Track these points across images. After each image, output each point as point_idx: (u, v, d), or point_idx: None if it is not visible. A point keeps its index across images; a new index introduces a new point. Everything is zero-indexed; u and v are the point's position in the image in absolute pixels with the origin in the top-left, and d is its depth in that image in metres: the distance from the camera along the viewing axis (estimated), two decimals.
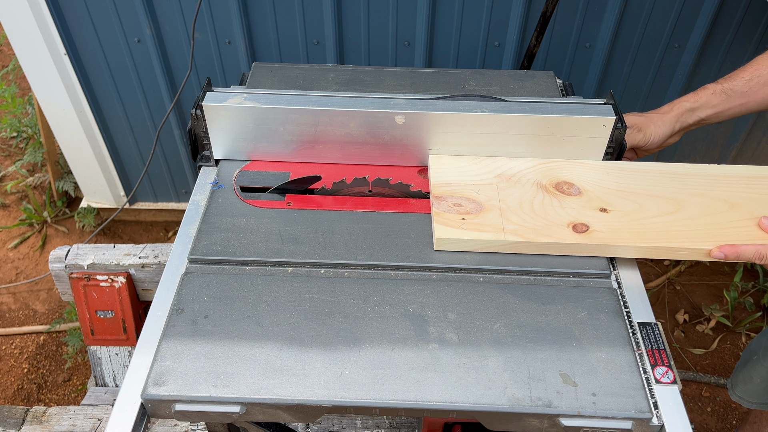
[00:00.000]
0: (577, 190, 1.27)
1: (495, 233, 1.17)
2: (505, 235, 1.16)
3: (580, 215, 1.21)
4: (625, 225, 1.19)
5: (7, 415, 1.57)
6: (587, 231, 1.17)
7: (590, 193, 1.26)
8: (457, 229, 1.18)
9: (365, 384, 0.98)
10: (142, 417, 0.99)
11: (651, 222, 1.19)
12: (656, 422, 0.97)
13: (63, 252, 1.67)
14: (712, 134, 2.38)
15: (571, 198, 1.25)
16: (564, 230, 1.18)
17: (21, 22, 2.06)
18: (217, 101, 1.30)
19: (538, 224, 1.19)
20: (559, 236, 1.17)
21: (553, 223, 1.19)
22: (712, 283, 2.67)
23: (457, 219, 1.20)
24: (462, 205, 1.23)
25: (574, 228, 1.18)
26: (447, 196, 1.25)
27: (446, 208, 1.22)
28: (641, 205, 1.23)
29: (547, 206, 1.23)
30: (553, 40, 2.11)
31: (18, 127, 3.16)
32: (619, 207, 1.23)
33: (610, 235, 1.17)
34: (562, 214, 1.21)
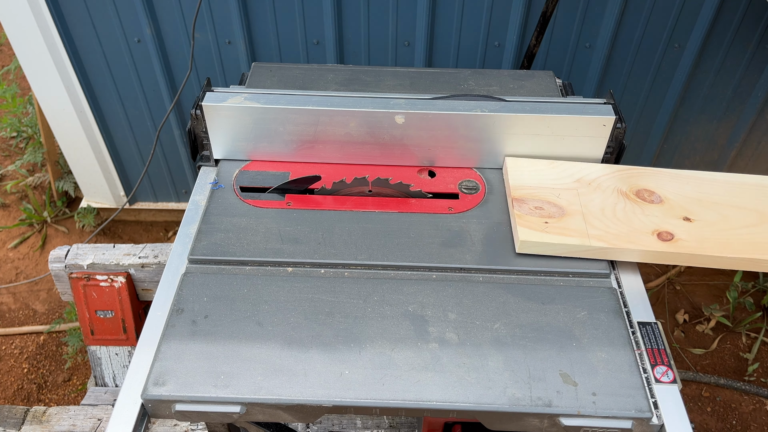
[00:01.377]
0: (658, 198, 1.26)
1: (580, 238, 1.16)
2: (591, 241, 1.16)
3: (664, 223, 1.20)
4: (711, 235, 1.18)
5: (7, 415, 1.57)
6: (672, 239, 1.17)
7: (672, 202, 1.25)
8: (541, 232, 1.17)
9: (365, 384, 0.98)
10: (143, 417, 0.99)
11: (736, 233, 1.18)
12: (656, 422, 0.97)
13: (63, 252, 1.67)
14: (712, 134, 2.38)
15: (652, 206, 1.24)
16: (649, 238, 1.17)
17: (21, 22, 2.06)
18: (217, 101, 1.30)
19: (621, 230, 1.18)
20: (645, 244, 1.16)
21: (636, 230, 1.19)
22: (712, 283, 2.67)
23: (539, 222, 1.19)
24: (543, 209, 1.22)
25: (659, 236, 1.17)
26: (527, 199, 1.24)
27: (527, 211, 1.22)
28: (724, 216, 1.22)
29: (630, 213, 1.22)
30: (553, 40, 2.11)
31: (18, 127, 3.16)
32: (703, 217, 1.22)
33: (695, 244, 1.16)
34: (645, 221, 1.21)
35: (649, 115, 2.32)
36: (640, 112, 2.31)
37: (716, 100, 2.26)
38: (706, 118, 2.33)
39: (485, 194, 1.33)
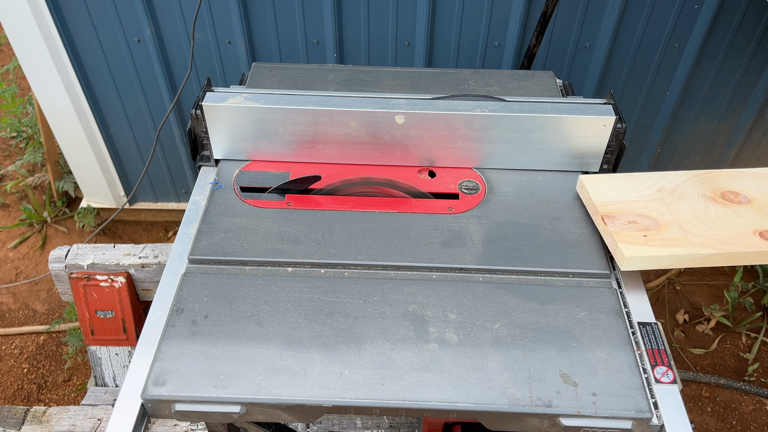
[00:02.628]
0: (745, 198, 1.25)
1: (684, 247, 1.14)
2: (696, 249, 1.14)
3: (761, 223, 1.19)
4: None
5: (7, 415, 1.57)
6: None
7: (759, 201, 1.24)
8: (644, 246, 1.15)
9: (365, 384, 0.98)
10: (143, 417, 0.99)
11: None
12: (656, 422, 0.97)
13: (63, 252, 1.67)
14: (712, 134, 2.38)
15: (742, 206, 1.23)
16: (752, 238, 1.16)
17: (21, 22, 2.06)
18: (217, 101, 1.30)
19: (723, 234, 1.17)
20: (751, 245, 1.14)
21: (737, 232, 1.17)
22: (712, 283, 2.67)
23: (638, 236, 1.17)
24: (637, 222, 1.20)
25: (761, 235, 1.16)
26: (618, 214, 1.22)
27: (622, 227, 1.19)
28: None
29: (723, 216, 1.21)
30: (553, 40, 2.11)
31: (18, 127, 3.16)
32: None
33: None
34: (741, 222, 1.19)
35: (649, 115, 2.32)
36: (640, 112, 2.31)
37: (716, 100, 2.26)
38: (706, 118, 2.33)
39: (485, 194, 1.33)
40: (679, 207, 1.23)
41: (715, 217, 1.21)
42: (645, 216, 1.22)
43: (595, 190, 1.28)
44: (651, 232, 1.18)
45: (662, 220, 1.20)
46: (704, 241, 1.15)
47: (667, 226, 1.19)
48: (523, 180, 1.37)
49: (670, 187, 1.28)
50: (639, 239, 1.16)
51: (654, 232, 1.18)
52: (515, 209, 1.29)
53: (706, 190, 1.28)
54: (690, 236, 1.17)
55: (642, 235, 1.17)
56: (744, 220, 1.20)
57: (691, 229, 1.18)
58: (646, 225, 1.20)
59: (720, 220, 1.20)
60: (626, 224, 1.20)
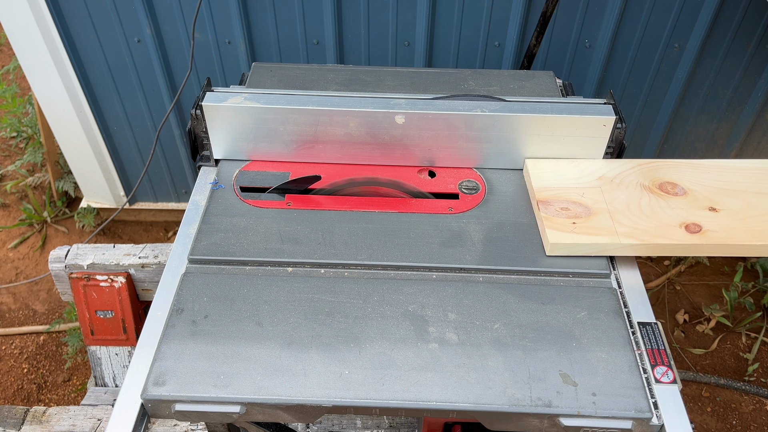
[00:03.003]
0: (682, 190, 1.26)
1: (609, 236, 1.16)
2: (620, 238, 1.15)
3: (690, 215, 1.20)
4: (738, 224, 1.18)
5: (7, 415, 1.57)
6: (701, 231, 1.16)
7: (695, 193, 1.25)
8: (570, 233, 1.17)
9: (365, 384, 0.98)
10: (143, 417, 0.99)
11: (763, 219, 1.18)
12: (656, 422, 0.97)
13: (63, 252, 1.67)
14: (711, 134, 2.38)
15: (677, 198, 1.24)
16: (677, 231, 1.17)
17: (21, 22, 2.06)
18: (217, 101, 1.30)
19: (650, 226, 1.18)
20: (674, 237, 1.16)
21: (664, 224, 1.18)
22: (712, 283, 2.67)
23: (567, 223, 1.19)
24: (570, 209, 1.22)
25: (687, 228, 1.17)
26: (553, 201, 1.24)
27: (554, 213, 1.21)
28: (750, 204, 1.22)
29: (655, 207, 1.22)
30: (553, 40, 2.11)
31: (18, 127, 3.16)
32: (728, 206, 1.21)
33: (724, 234, 1.16)
34: (672, 214, 1.20)
35: (649, 115, 2.32)
36: (640, 112, 2.31)
37: (716, 100, 2.26)
38: (706, 118, 2.33)
39: (485, 194, 1.33)
40: (614, 196, 1.25)
41: (647, 208, 1.22)
42: (579, 203, 1.24)
43: (537, 176, 1.31)
44: (581, 219, 1.20)
45: (595, 208, 1.22)
46: (630, 231, 1.17)
47: (597, 215, 1.21)
48: (523, 180, 1.37)
49: (611, 176, 1.30)
50: (567, 226, 1.19)
51: (584, 220, 1.20)
52: (515, 209, 1.29)
53: (645, 179, 1.29)
54: (617, 226, 1.18)
55: (571, 222, 1.19)
56: (675, 212, 1.21)
57: (620, 219, 1.20)
58: (578, 212, 1.22)
59: (651, 211, 1.21)
60: (559, 210, 1.22)
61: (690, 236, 1.16)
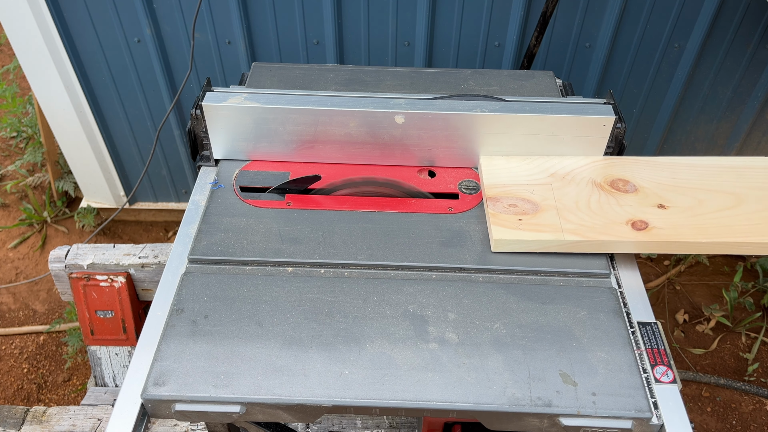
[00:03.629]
0: (633, 187, 1.26)
1: (554, 233, 1.16)
2: (564, 235, 1.16)
3: (638, 212, 1.20)
4: (685, 221, 1.17)
5: (7, 415, 1.57)
6: (647, 228, 1.16)
7: (646, 190, 1.25)
8: (515, 230, 1.17)
9: (365, 384, 0.98)
10: (142, 417, 0.99)
11: (711, 217, 1.18)
12: (656, 422, 0.97)
13: (63, 252, 1.67)
14: (712, 134, 2.38)
15: (627, 195, 1.24)
16: (623, 228, 1.17)
17: (21, 22, 2.06)
18: (216, 101, 1.30)
19: (596, 223, 1.18)
20: (619, 234, 1.16)
21: (611, 221, 1.18)
22: (712, 283, 2.67)
23: (513, 220, 1.19)
24: (518, 206, 1.22)
25: (633, 225, 1.17)
26: (502, 197, 1.24)
27: (502, 209, 1.21)
28: (700, 201, 1.21)
29: (604, 204, 1.22)
30: (553, 40, 2.11)
31: (18, 127, 3.16)
32: (678, 203, 1.21)
33: (670, 231, 1.16)
34: (620, 211, 1.20)
35: (649, 115, 2.32)
36: (640, 112, 2.31)
37: (716, 100, 2.26)
38: (706, 118, 2.33)
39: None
40: (564, 193, 1.25)
41: (595, 205, 1.22)
42: (527, 200, 1.24)
43: (489, 172, 1.31)
44: (527, 216, 1.20)
45: (543, 205, 1.22)
46: (575, 228, 1.17)
47: (545, 212, 1.21)
48: None
49: (563, 172, 1.30)
50: (513, 223, 1.19)
51: (530, 217, 1.20)
52: None
53: (598, 177, 1.29)
54: (563, 222, 1.18)
55: (517, 219, 1.20)
56: (623, 209, 1.21)
57: (567, 216, 1.20)
58: (525, 209, 1.22)
59: (599, 208, 1.22)
60: (507, 207, 1.23)
61: (635, 233, 1.16)
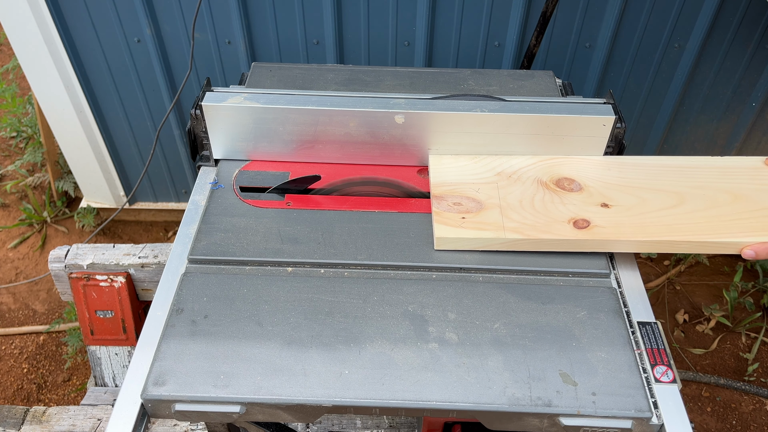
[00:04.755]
0: (578, 186, 1.26)
1: (495, 231, 1.17)
2: (506, 233, 1.16)
3: (582, 211, 1.20)
4: (627, 220, 1.18)
5: (6, 415, 1.57)
6: (588, 227, 1.17)
7: (591, 189, 1.25)
8: (457, 228, 1.18)
9: (365, 384, 0.98)
10: (142, 417, 0.99)
11: (653, 216, 1.18)
12: (656, 421, 0.97)
13: (62, 252, 1.67)
14: (711, 134, 2.38)
15: (572, 194, 1.24)
16: (565, 226, 1.17)
17: (21, 22, 2.06)
18: (216, 101, 1.30)
19: (538, 221, 1.19)
20: (560, 232, 1.16)
21: (554, 219, 1.19)
22: (712, 283, 2.67)
23: (457, 218, 1.20)
24: (462, 204, 1.23)
25: (575, 224, 1.18)
26: (447, 196, 1.25)
27: (446, 208, 1.22)
28: (643, 200, 1.22)
29: (548, 203, 1.22)
30: (553, 40, 2.11)
31: (18, 127, 3.16)
32: (621, 202, 1.22)
33: (611, 230, 1.16)
34: (563, 210, 1.21)
35: (649, 115, 2.32)
36: (640, 112, 2.31)
37: (716, 100, 2.26)
38: (706, 118, 2.33)
39: None
40: (509, 192, 1.25)
41: (539, 204, 1.22)
42: (472, 199, 1.24)
43: (436, 171, 1.31)
44: (471, 214, 1.21)
45: (487, 204, 1.23)
46: (517, 226, 1.18)
47: (488, 210, 1.21)
48: None
49: (510, 171, 1.30)
50: (456, 221, 1.19)
51: (473, 215, 1.20)
52: None
53: (544, 176, 1.29)
54: (505, 221, 1.19)
55: (461, 217, 1.20)
56: (566, 208, 1.21)
57: (510, 215, 1.20)
58: (469, 208, 1.22)
59: (543, 207, 1.22)
60: (451, 206, 1.23)
61: (576, 232, 1.16)
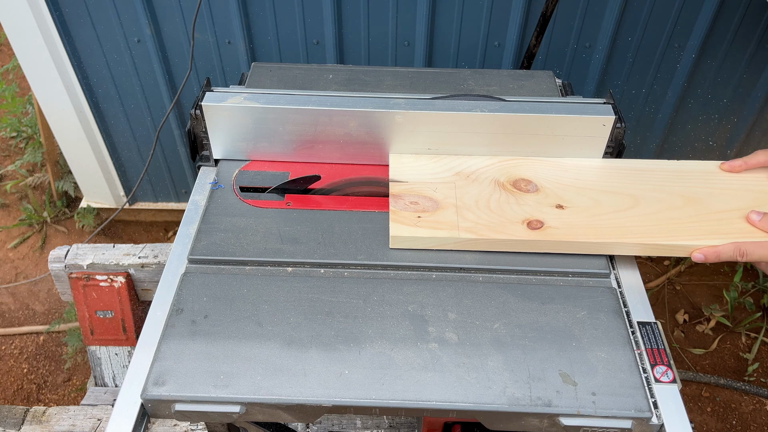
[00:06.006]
0: (535, 187, 1.26)
1: (450, 231, 1.17)
2: (460, 233, 1.16)
3: (536, 212, 1.21)
4: (581, 221, 1.19)
5: (6, 415, 1.57)
6: (541, 227, 1.18)
7: (548, 190, 1.26)
8: (413, 227, 1.18)
9: (365, 384, 0.98)
10: (142, 417, 0.99)
11: (607, 218, 1.19)
12: (656, 421, 0.97)
13: (62, 252, 1.67)
14: (712, 134, 2.38)
15: (528, 195, 1.25)
16: (518, 227, 1.18)
17: (21, 22, 2.06)
18: (216, 101, 1.30)
19: (493, 221, 1.19)
20: (513, 233, 1.17)
21: (508, 220, 1.19)
22: (712, 283, 2.67)
23: (412, 217, 1.20)
24: (419, 203, 1.23)
25: (529, 225, 1.18)
26: (404, 195, 1.25)
27: (403, 207, 1.22)
28: (598, 202, 1.23)
29: (504, 204, 1.23)
30: (553, 40, 2.11)
31: (18, 127, 3.16)
32: (576, 203, 1.23)
33: (564, 231, 1.17)
34: (518, 211, 1.21)
35: (649, 115, 2.33)
36: (640, 112, 2.31)
37: (716, 100, 2.26)
38: (706, 118, 2.33)
39: None
40: (466, 192, 1.25)
41: (495, 205, 1.22)
42: (429, 198, 1.24)
43: (395, 170, 1.31)
44: (427, 214, 1.21)
45: (444, 204, 1.23)
46: (471, 226, 1.18)
47: (444, 210, 1.21)
48: None
49: (469, 171, 1.30)
50: (412, 220, 1.19)
51: (429, 215, 1.20)
52: None
53: (502, 176, 1.29)
54: (460, 221, 1.19)
55: (416, 217, 1.20)
56: (522, 209, 1.22)
57: (465, 215, 1.20)
58: (425, 207, 1.22)
59: (498, 207, 1.22)
60: (408, 205, 1.23)
61: (529, 232, 1.17)
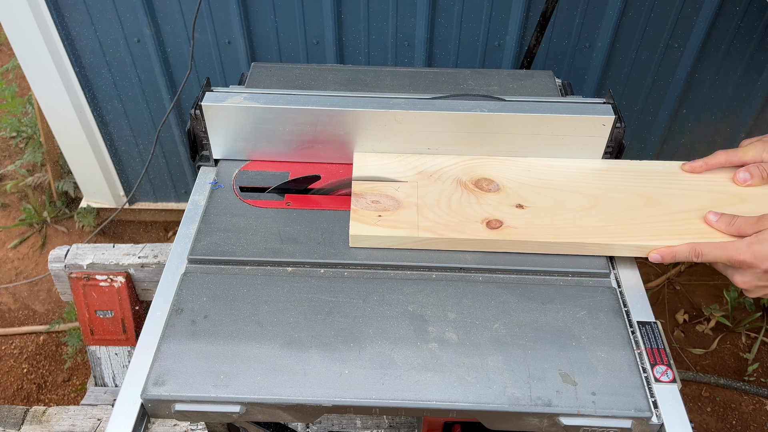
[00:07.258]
0: (496, 186, 1.26)
1: (409, 230, 1.17)
2: (419, 232, 1.16)
3: (496, 212, 1.21)
4: (540, 221, 1.19)
5: (6, 415, 1.57)
6: (500, 227, 1.17)
7: (509, 190, 1.26)
8: (372, 226, 1.18)
9: (365, 384, 0.98)
10: (142, 417, 0.99)
11: (566, 218, 1.19)
12: (656, 421, 0.97)
13: (62, 252, 1.67)
14: (712, 134, 2.38)
15: (489, 194, 1.24)
16: (477, 226, 1.18)
17: (21, 22, 2.06)
18: (216, 101, 1.30)
19: (453, 221, 1.19)
20: (472, 232, 1.17)
21: (468, 219, 1.19)
22: (712, 283, 2.67)
23: (373, 216, 1.20)
24: (380, 202, 1.23)
25: (488, 224, 1.18)
26: (366, 194, 1.25)
27: (364, 205, 1.22)
28: (559, 201, 1.23)
29: (464, 203, 1.23)
30: (553, 40, 2.11)
31: (18, 127, 3.16)
32: (536, 203, 1.23)
33: (523, 231, 1.17)
34: (479, 210, 1.21)
35: (649, 115, 2.33)
36: (640, 112, 2.31)
37: (716, 100, 2.26)
38: (706, 118, 2.33)
39: None
40: (428, 191, 1.25)
41: (456, 204, 1.22)
42: (391, 197, 1.24)
43: (359, 168, 1.31)
44: (388, 213, 1.20)
45: (405, 203, 1.22)
46: (430, 225, 1.18)
47: (405, 209, 1.21)
48: None
49: (432, 171, 1.30)
50: (372, 219, 1.19)
51: (390, 213, 1.20)
52: None
53: (465, 176, 1.29)
54: (421, 220, 1.19)
55: (377, 215, 1.20)
56: (482, 208, 1.21)
57: (426, 214, 1.20)
58: (387, 206, 1.22)
59: (459, 206, 1.22)
60: (369, 203, 1.22)
61: (488, 232, 1.17)
